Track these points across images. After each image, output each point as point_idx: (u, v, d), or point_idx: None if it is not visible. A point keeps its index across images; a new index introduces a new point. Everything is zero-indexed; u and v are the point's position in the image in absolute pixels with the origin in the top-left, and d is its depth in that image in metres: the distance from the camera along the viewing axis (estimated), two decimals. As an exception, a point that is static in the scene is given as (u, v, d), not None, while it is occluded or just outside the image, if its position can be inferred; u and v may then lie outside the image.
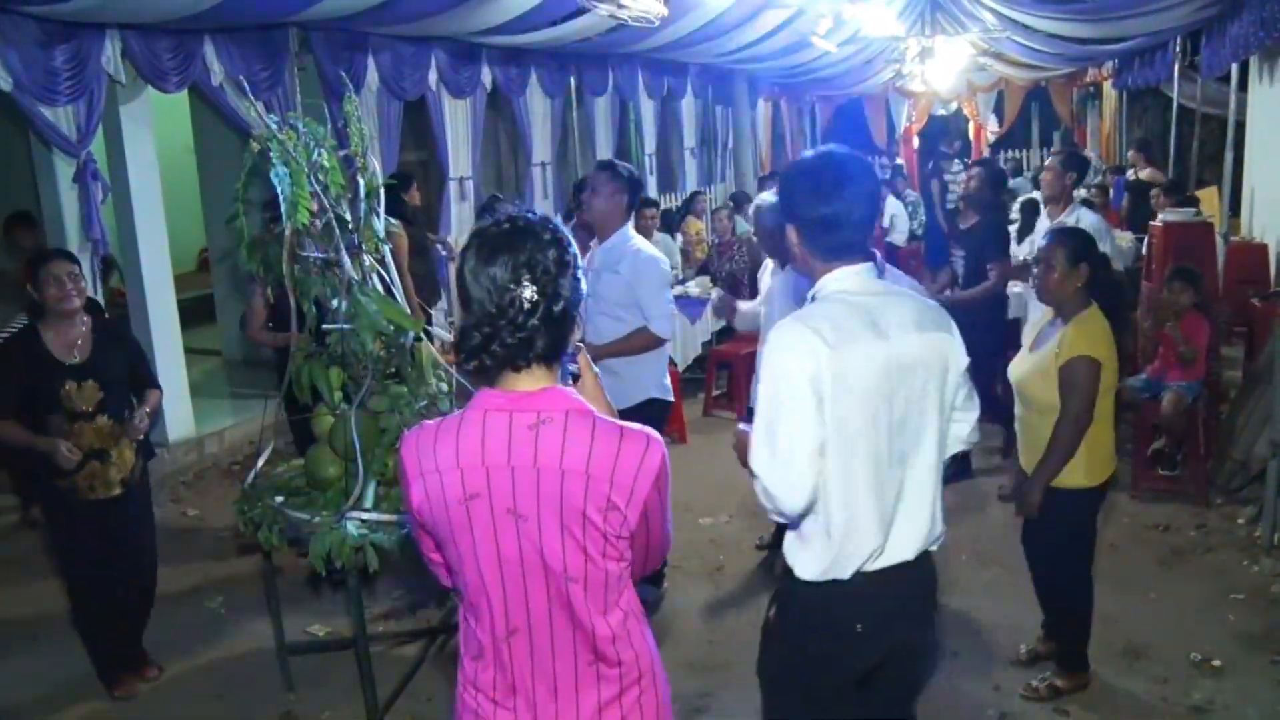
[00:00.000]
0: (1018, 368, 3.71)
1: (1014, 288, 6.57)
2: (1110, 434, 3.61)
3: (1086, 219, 5.52)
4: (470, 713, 1.91)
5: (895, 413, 2.28)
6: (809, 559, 2.35)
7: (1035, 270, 3.68)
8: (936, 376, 2.33)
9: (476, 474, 1.78)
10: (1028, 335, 3.84)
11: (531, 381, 1.80)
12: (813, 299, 2.37)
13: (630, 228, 4.46)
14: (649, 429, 1.83)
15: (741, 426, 2.49)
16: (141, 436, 4.02)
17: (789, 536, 2.41)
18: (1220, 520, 5.36)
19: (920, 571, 2.43)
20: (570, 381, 1.93)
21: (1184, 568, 4.86)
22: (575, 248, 1.85)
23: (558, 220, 1.87)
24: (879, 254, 2.44)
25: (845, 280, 2.33)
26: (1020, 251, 6.89)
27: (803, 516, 2.29)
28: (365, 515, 3.29)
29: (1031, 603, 3.92)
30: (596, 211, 4.41)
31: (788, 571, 2.42)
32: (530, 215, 1.84)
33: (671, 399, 4.56)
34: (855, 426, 2.23)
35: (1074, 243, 3.62)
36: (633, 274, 4.30)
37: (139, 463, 4.05)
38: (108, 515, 3.94)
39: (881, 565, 2.34)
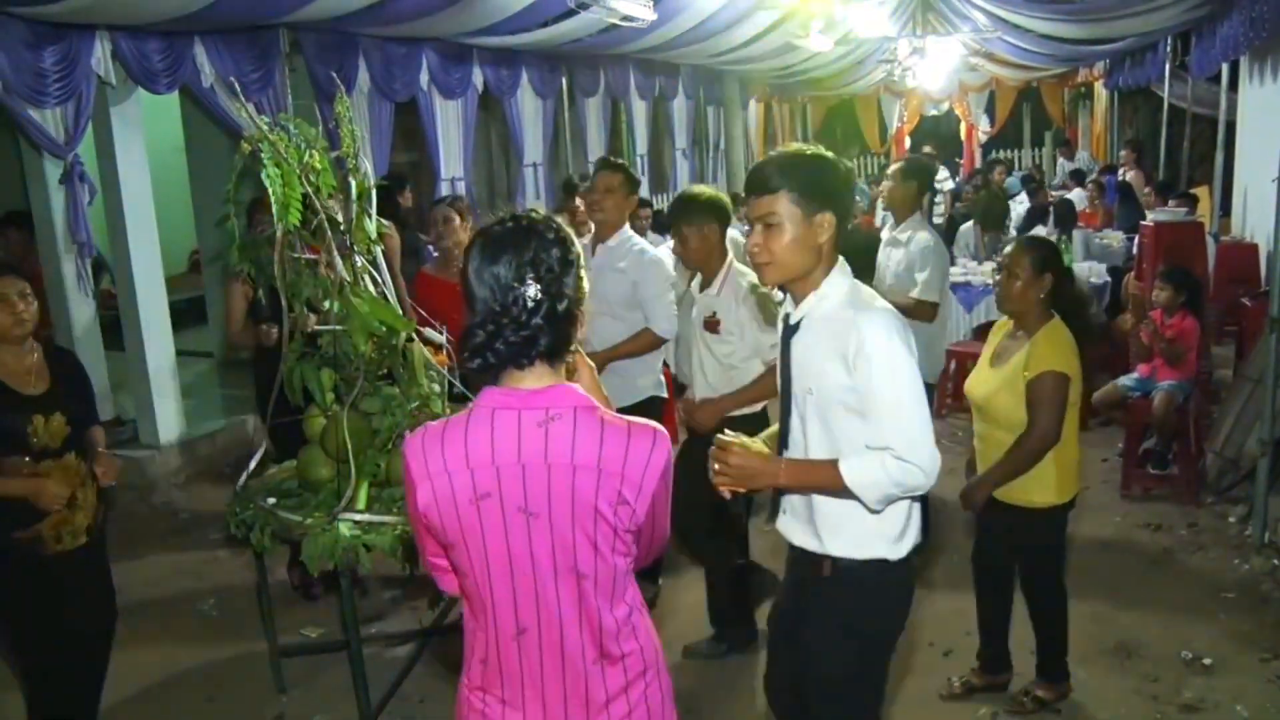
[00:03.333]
0: (980, 385, 3.59)
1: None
2: (1077, 449, 3.53)
3: (921, 238, 4.84)
4: (478, 714, 1.91)
5: None
6: (911, 534, 2.43)
7: (996, 278, 3.57)
8: None
9: (486, 473, 1.78)
10: (985, 349, 3.72)
11: (536, 379, 1.82)
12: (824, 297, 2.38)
13: (629, 227, 4.46)
14: (655, 424, 1.85)
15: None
16: (114, 480, 3.43)
17: (876, 530, 2.39)
18: (1211, 519, 5.38)
19: None
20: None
21: (1175, 566, 4.88)
22: (578, 246, 1.87)
23: (561, 219, 1.88)
24: None
25: (848, 272, 2.41)
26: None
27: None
28: (358, 516, 3.28)
29: (1020, 603, 3.87)
30: (610, 211, 4.35)
31: (862, 566, 2.41)
32: (534, 214, 1.85)
33: (666, 395, 4.57)
34: None
35: (1039, 251, 3.52)
36: (638, 274, 4.29)
37: (101, 507, 3.49)
38: (70, 570, 3.36)
39: None
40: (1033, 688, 3.78)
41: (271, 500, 3.55)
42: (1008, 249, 3.63)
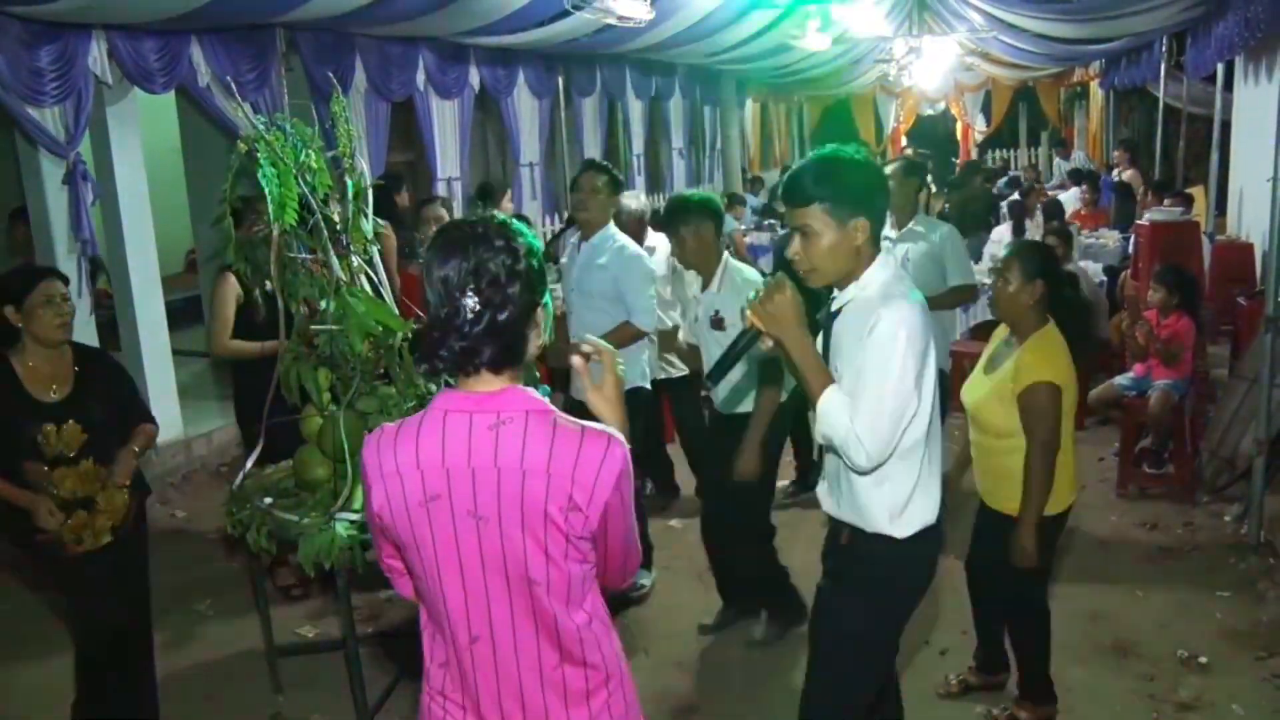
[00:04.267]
0: (972, 391, 3.52)
1: None
2: (1072, 460, 3.42)
3: (946, 230, 4.86)
4: None
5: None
6: (913, 517, 2.51)
7: (989, 283, 3.53)
8: None
9: (437, 475, 1.76)
10: (983, 354, 3.66)
11: (488, 384, 1.78)
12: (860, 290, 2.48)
13: (613, 225, 4.58)
14: (612, 430, 1.80)
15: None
16: (127, 482, 3.46)
17: (879, 507, 2.49)
18: (1207, 518, 5.39)
19: None
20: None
21: (1171, 565, 4.88)
22: (534, 257, 1.79)
23: (522, 225, 1.83)
24: None
25: (889, 265, 2.50)
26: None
27: (870, 470, 2.42)
28: (354, 516, 3.28)
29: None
30: (594, 210, 4.49)
31: (872, 538, 2.52)
32: (491, 219, 1.80)
33: (650, 387, 4.68)
34: (934, 391, 2.46)
35: (1032, 256, 3.46)
36: (618, 268, 4.41)
37: (134, 504, 3.55)
38: (94, 568, 3.41)
39: None
40: (1014, 708, 3.67)
41: (268, 500, 3.54)
42: (1003, 253, 3.60)
